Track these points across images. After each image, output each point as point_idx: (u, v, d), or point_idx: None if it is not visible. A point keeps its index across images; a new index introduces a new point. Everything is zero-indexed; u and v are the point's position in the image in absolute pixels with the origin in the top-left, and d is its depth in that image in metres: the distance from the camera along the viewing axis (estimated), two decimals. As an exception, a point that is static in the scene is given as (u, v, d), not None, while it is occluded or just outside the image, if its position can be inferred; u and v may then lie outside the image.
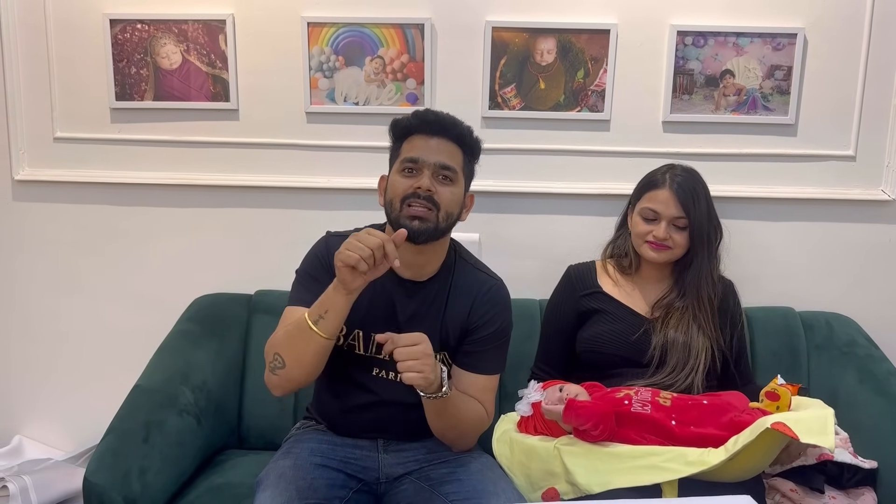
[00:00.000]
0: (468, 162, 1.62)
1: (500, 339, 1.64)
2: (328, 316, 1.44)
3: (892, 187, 2.15)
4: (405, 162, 1.56)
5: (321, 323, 1.44)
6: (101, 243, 2.26)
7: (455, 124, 1.59)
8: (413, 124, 1.59)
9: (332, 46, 2.12)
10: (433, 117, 1.58)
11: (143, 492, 1.58)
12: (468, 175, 1.63)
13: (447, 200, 1.55)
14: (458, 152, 1.59)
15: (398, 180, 1.56)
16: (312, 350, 1.47)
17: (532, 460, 1.63)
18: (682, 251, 1.80)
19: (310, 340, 1.46)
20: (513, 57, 2.11)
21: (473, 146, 1.63)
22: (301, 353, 1.48)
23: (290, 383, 1.53)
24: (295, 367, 1.50)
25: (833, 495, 1.71)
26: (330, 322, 1.45)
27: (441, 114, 1.60)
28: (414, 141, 1.58)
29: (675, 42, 2.09)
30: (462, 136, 1.60)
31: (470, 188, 1.66)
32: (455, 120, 1.60)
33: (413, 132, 1.59)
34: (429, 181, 1.53)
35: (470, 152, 1.62)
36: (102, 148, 2.21)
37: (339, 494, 1.54)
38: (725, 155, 2.16)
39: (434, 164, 1.54)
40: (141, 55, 2.15)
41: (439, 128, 1.57)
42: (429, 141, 1.56)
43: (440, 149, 1.56)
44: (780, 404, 1.56)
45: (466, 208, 1.64)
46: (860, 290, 2.21)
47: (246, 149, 2.20)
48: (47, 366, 2.33)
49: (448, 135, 1.58)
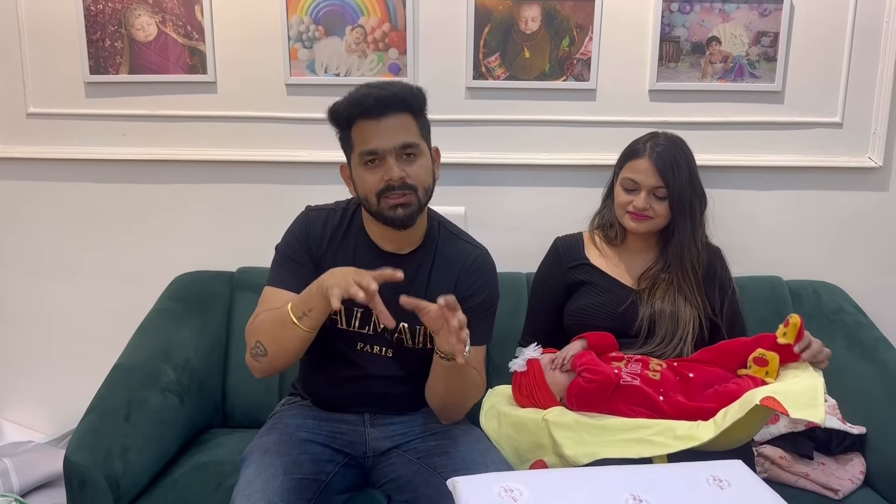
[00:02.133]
0: (422, 122, 1.54)
1: (487, 308, 1.62)
2: (312, 314, 1.43)
3: (879, 154, 2.14)
4: (365, 155, 1.49)
5: (305, 319, 1.43)
6: (77, 221, 2.22)
7: (395, 95, 1.48)
8: (353, 112, 1.49)
9: (311, 16, 2.08)
10: (372, 100, 1.47)
11: (126, 470, 1.55)
12: (427, 134, 1.56)
13: (420, 176, 1.50)
14: (411, 120, 1.50)
15: (364, 176, 1.50)
16: (296, 342, 1.46)
17: (520, 433, 1.62)
18: (664, 221, 1.78)
19: (294, 334, 1.45)
20: (497, 25, 2.08)
21: (420, 104, 1.53)
22: (284, 344, 1.47)
23: (272, 369, 1.53)
24: (278, 356, 1.49)
25: (822, 461, 1.71)
26: (314, 318, 1.43)
27: (378, 91, 1.48)
28: (362, 127, 1.49)
29: (660, 8, 2.06)
30: (406, 103, 1.49)
31: (442, 149, 1.60)
32: (392, 89, 1.49)
33: (356, 118, 1.49)
34: (396, 169, 1.47)
35: (420, 112, 1.54)
36: (77, 123, 2.16)
37: (326, 469, 1.52)
38: (712, 123, 2.14)
39: (394, 147, 1.47)
40: (115, 27, 2.09)
41: (382, 107, 1.47)
42: (378, 123, 1.47)
43: (393, 128, 1.47)
44: (768, 369, 1.54)
45: (436, 164, 1.59)
46: (847, 257, 2.21)
47: (224, 122, 2.16)
48: (25, 348, 2.30)
49: (394, 109, 1.48)
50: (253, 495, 1.37)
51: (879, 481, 1.69)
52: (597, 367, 1.59)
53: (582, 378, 1.58)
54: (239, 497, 1.39)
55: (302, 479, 1.44)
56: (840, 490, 1.64)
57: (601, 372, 1.57)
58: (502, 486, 1.13)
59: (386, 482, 1.59)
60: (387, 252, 1.59)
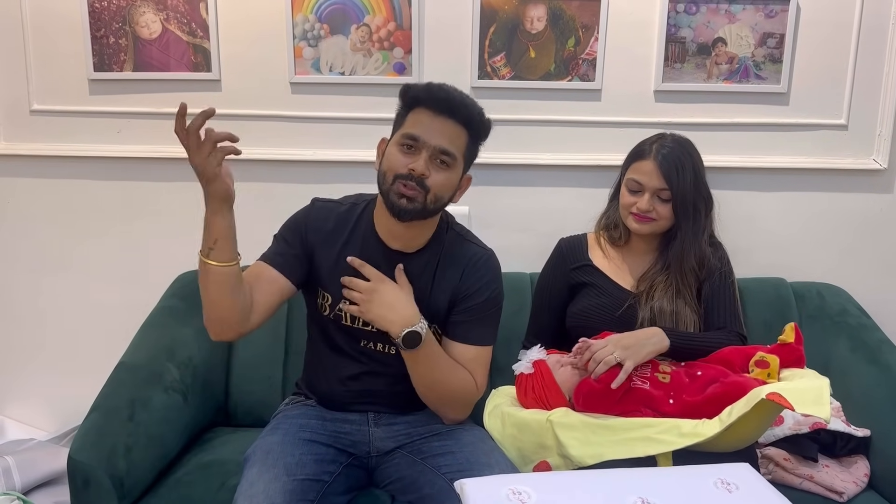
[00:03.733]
0: (472, 144, 1.56)
1: (489, 308, 1.61)
2: (218, 244, 1.43)
3: (884, 156, 2.14)
4: (405, 137, 1.50)
5: (213, 253, 1.42)
6: (81, 218, 2.21)
7: (464, 105, 1.52)
8: (421, 97, 1.52)
9: (316, 14, 2.07)
10: (443, 95, 1.50)
11: (130, 470, 1.55)
12: (469, 158, 1.58)
13: (439, 185, 1.51)
14: (463, 135, 1.53)
15: (395, 154, 1.51)
16: (217, 286, 1.43)
17: (524, 434, 1.62)
18: (668, 223, 1.77)
19: (210, 275, 1.43)
20: (502, 25, 2.07)
21: (480, 129, 1.56)
22: (210, 291, 1.45)
23: (214, 323, 1.49)
24: (209, 308, 1.47)
25: (826, 464, 1.71)
26: (222, 249, 1.43)
27: (452, 92, 1.52)
28: (419, 115, 1.51)
29: (666, 9, 2.06)
30: (469, 119, 1.52)
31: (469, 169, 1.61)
32: (465, 100, 1.52)
33: (420, 104, 1.52)
34: (424, 165, 1.48)
35: (476, 135, 1.56)
36: (81, 121, 2.15)
37: (330, 469, 1.52)
38: (717, 124, 2.14)
39: (434, 146, 1.49)
40: (119, 24, 2.08)
41: (446, 107, 1.50)
42: (434, 119, 1.50)
43: (443, 130, 1.50)
44: (770, 371, 1.54)
45: (461, 190, 1.60)
46: (851, 259, 2.21)
47: (228, 120, 2.13)
48: (28, 345, 2.29)
49: (455, 116, 1.50)
50: (255, 496, 1.37)
51: (884, 484, 1.69)
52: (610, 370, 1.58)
53: (593, 377, 1.58)
54: (241, 498, 1.38)
55: (305, 480, 1.44)
56: (844, 492, 1.64)
57: (613, 374, 1.57)
58: (510, 489, 1.13)
59: (390, 482, 1.59)
60: (394, 250, 1.59)
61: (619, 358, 1.57)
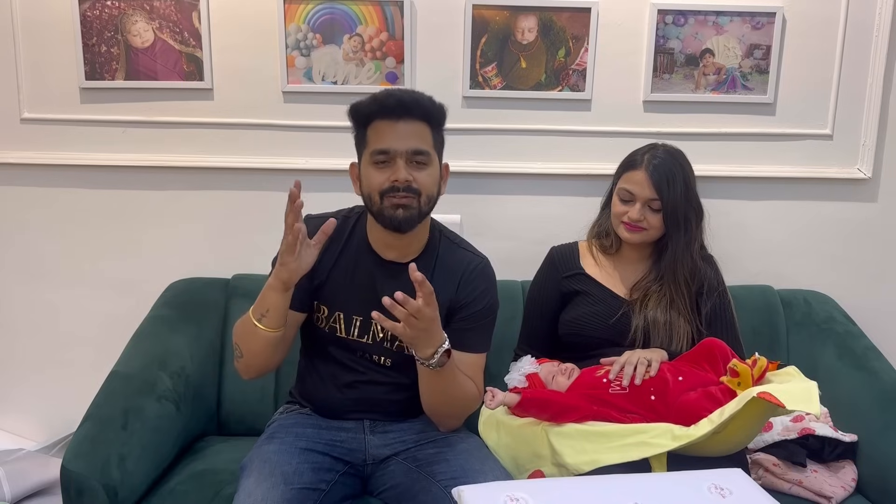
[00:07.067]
0: (436, 133, 1.57)
1: (486, 316, 1.63)
2: (270, 314, 1.47)
3: (868, 166, 2.18)
4: (376, 154, 1.51)
5: (265, 320, 1.47)
6: (72, 227, 2.20)
7: (417, 102, 1.52)
8: (374, 110, 1.52)
9: (309, 24, 2.08)
10: (394, 101, 1.50)
11: (124, 479, 1.54)
12: (439, 146, 1.58)
13: (426, 184, 1.52)
14: (426, 129, 1.53)
15: (372, 174, 1.52)
16: (263, 343, 1.50)
17: (519, 443, 1.63)
18: (658, 233, 1.79)
19: (259, 336, 1.49)
20: (493, 35, 2.09)
21: (439, 117, 1.56)
22: (253, 346, 1.51)
23: (252, 370, 1.57)
24: (251, 358, 1.53)
25: (815, 469, 1.73)
26: (273, 318, 1.47)
27: (401, 94, 1.52)
28: (379, 127, 1.51)
29: (655, 21, 2.09)
30: (426, 112, 1.53)
31: (443, 160, 1.61)
32: (415, 96, 1.53)
33: (375, 118, 1.52)
34: (404, 171, 1.49)
35: (437, 123, 1.57)
36: (72, 129, 2.15)
37: (326, 478, 1.52)
38: (705, 134, 2.17)
39: (406, 151, 1.50)
40: (111, 33, 2.08)
41: (402, 110, 1.50)
42: (395, 126, 1.50)
43: (409, 132, 1.51)
44: (741, 380, 1.53)
45: (444, 179, 1.61)
46: (837, 267, 2.25)
47: (221, 129, 2.15)
48: (18, 354, 2.27)
49: (412, 115, 1.51)
50: (254, 506, 1.37)
51: (871, 488, 1.72)
52: (535, 401, 1.62)
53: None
54: (239, 507, 1.38)
55: (303, 489, 1.44)
56: (833, 497, 1.66)
57: (540, 403, 1.62)
58: (508, 496, 1.14)
59: (385, 490, 1.59)
60: (388, 261, 1.59)
61: (648, 358, 1.63)
